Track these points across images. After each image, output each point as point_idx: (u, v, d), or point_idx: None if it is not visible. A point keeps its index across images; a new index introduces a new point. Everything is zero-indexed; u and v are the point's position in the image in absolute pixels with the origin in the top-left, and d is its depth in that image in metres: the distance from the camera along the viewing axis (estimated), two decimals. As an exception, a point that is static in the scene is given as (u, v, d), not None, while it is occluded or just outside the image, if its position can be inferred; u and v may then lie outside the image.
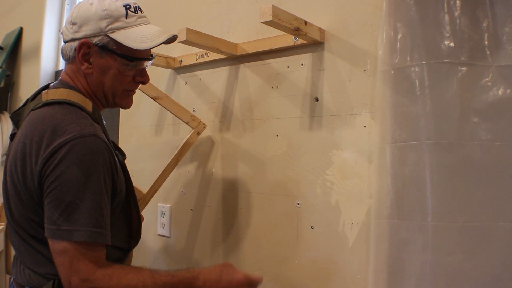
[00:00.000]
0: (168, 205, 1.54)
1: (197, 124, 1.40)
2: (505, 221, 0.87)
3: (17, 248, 0.93)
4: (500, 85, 0.90)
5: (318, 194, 1.14)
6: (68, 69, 0.97)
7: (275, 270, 1.22)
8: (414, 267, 0.91)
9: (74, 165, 0.82)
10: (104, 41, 0.92)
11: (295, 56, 1.21)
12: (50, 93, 0.93)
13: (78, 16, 0.92)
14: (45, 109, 0.89)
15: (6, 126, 2.46)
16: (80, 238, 0.81)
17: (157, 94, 1.34)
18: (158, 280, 0.88)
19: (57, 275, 0.87)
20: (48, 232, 0.83)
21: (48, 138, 0.83)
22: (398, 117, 0.95)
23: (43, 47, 2.36)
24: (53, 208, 0.82)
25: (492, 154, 0.89)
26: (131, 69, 0.97)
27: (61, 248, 0.82)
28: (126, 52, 0.93)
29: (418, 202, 0.91)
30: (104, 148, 0.86)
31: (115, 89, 0.98)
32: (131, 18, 0.94)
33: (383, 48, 0.98)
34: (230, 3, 1.39)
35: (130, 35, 0.92)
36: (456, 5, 0.92)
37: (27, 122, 0.89)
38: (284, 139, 1.22)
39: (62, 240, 0.81)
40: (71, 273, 0.82)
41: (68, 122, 0.85)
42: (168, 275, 0.90)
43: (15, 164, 0.87)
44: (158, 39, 0.95)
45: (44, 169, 0.82)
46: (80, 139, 0.83)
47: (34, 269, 0.89)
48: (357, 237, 1.06)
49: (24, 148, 0.86)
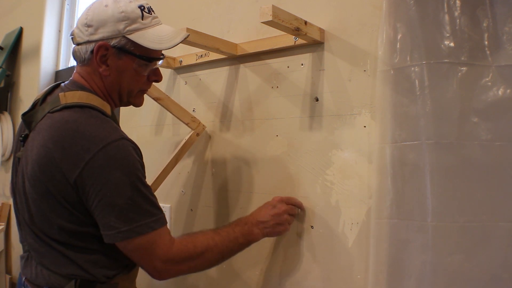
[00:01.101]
0: (168, 205, 1.54)
1: (197, 125, 1.40)
2: (505, 221, 0.87)
3: (36, 250, 0.94)
4: (500, 85, 0.89)
5: (318, 194, 1.14)
6: (82, 71, 0.97)
7: (275, 270, 1.22)
8: (414, 267, 0.91)
9: (116, 170, 0.85)
10: (122, 43, 0.93)
11: (295, 56, 1.21)
12: (68, 96, 0.92)
13: (93, 18, 0.92)
14: (66, 112, 0.89)
15: (6, 126, 2.46)
16: (143, 232, 0.86)
17: (159, 95, 1.34)
18: (223, 233, 0.99)
19: (78, 275, 0.90)
20: (109, 237, 0.87)
21: (78, 144, 0.85)
22: (398, 117, 0.95)
23: (43, 47, 2.35)
24: (108, 215, 0.85)
25: (492, 154, 0.89)
26: (146, 69, 0.99)
27: (132, 246, 0.88)
28: (143, 52, 0.95)
29: (418, 202, 0.91)
30: (132, 148, 0.90)
31: (131, 89, 1.00)
32: (147, 19, 0.96)
33: (383, 48, 0.98)
34: (230, 3, 1.39)
35: (148, 36, 0.94)
36: (456, 5, 0.92)
37: (47, 125, 0.89)
38: (284, 139, 1.22)
39: (127, 239, 0.86)
40: (152, 261, 0.90)
41: (94, 127, 0.87)
42: (226, 227, 1.02)
43: (38, 169, 0.87)
44: (175, 39, 0.98)
45: (83, 178, 0.84)
46: (113, 144, 0.86)
47: (55, 270, 0.91)
48: (357, 237, 1.06)
49: (49, 153, 0.86)
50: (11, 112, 2.55)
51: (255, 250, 1.26)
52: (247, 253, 1.07)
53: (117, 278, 0.95)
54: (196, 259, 0.94)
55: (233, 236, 1.00)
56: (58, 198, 0.87)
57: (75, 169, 0.84)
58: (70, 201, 0.87)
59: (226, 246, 0.98)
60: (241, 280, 1.31)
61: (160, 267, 0.90)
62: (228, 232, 1.00)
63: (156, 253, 0.89)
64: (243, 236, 1.02)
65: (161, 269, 0.91)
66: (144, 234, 0.87)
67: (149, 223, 0.87)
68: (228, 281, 1.35)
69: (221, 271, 1.36)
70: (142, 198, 0.88)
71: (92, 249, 0.91)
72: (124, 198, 0.85)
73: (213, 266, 1.00)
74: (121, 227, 0.85)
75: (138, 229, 0.86)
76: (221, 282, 1.36)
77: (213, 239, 0.97)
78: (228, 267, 1.33)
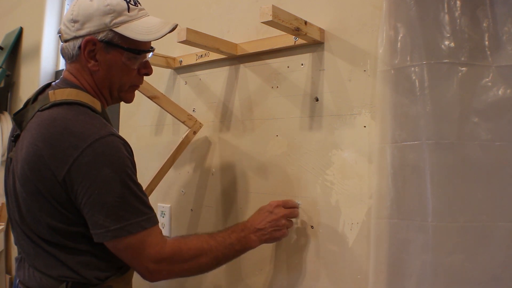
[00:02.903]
0: (168, 205, 1.54)
1: (193, 123, 1.40)
2: (505, 221, 0.87)
3: (27, 251, 0.93)
4: (500, 85, 0.89)
5: (318, 194, 1.14)
6: (71, 68, 0.96)
7: (275, 270, 1.22)
8: (414, 267, 0.91)
9: (105, 167, 0.83)
10: (109, 36, 0.92)
11: (295, 56, 1.21)
12: (57, 94, 0.91)
13: (79, 13, 0.91)
14: (55, 110, 0.88)
15: (6, 126, 2.46)
16: (134, 231, 0.84)
17: (154, 93, 1.33)
18: (218, 237, 0.97)
19: (69, 278, 0.88)
20: (98, 236, 0.84)
21: (66, 141, 0.83)
22: (398, 117, 0.95)
23: (43, 47, 2.36)
24: (97, 213, 0.83)
25: (492, 154, 0.89)
26: (136, 62, 0.97)
27: (122, 246, 0.85)
28: (131, 45, 0.94)
29: (418, 202, 0.91)
30: (122, 144, 0.87)
31: (122, 84, 0.98)
32: (133, 11, 0.94)
33: (383, 48, 0.98)
34: (230, 3, 1.39)
35: (135, 28, 0.93)
36: (456, 5, 0.92)
37: (36, 124, 0.88)
38: (284, 139, 1.22)
39: (117, 238, 0.84)
40: (144, 261, 0.87)
41: (82, 123, 0.85)
42: (222, 232, 1.00)
43: (28, 168, 0.86)
44: (163, 30, 0.96)
45: (71, 176, 0.82)
46: (101, 140, 0.84)
47: (46, 272, 0.90)
48: (357, 237, 1.06)
49: (38, 151, 0.84)
50: (11, 112, 2.54)
51: (254, 250, 1.26)
52: (246, 253, 1.07)
53: (110, 280, 0.92)
54: (190, 261, 0.92)
55: (229, 242, 0.98)
56: (47, 197, 0.85)
57: (63, 167, 0.82)
58: (60, 200, 0.85)
59: (221, 252, 0.96)
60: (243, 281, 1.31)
61: (152, 268, 0.88)
62: (224, 237, 0.98)
63: (148, 253, 0.87)
64: (240, 243, 0.99)
65: (153, 270, 0.88)
66: (134, 233, 0.84)
67: (139, 221, 0.85)
68: (224, 282, 1.35)
69: (223, 274, 1.36)
70: (133, 196, 0.85)
71: (83, 250, 0.89)
72: (113, 196, 0.83)
73: (206, 271, 0.98)
74: (110, 226, 0.83)
75: (129, 228, 0.84)
76: (218, 284, 1.36)
77: (208, 243, 0.94)
78: (227, 266, 1.34)
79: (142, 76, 1.02)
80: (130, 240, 0.84)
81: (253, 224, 1.04)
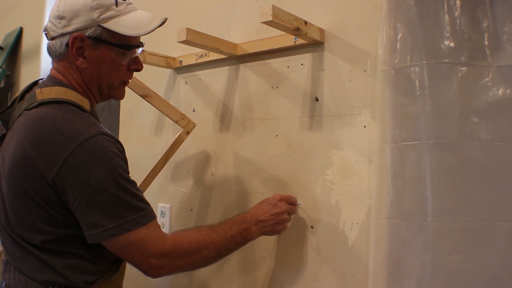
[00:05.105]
0: (168, 205, 1.54)
1: (186, 123, 1.38)
2: (505, 221, 0.87)
3: (12, 254, 0.91)
4: (500, 85, 0.89)
5: (318, 194, 1.14)
6: (58, 66, 0.94)
7: (275, 270, 1.22)
8: (414, 267, 0.91)
9: (96, 167, 0.81)
10: (98, 32, 0.89)
11: (295, 56, 1.21)
12: (44, 92, 0.89)
13: (66, 9, 0.88)
14: (43, 108, 0.86)
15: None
16: (132, 228, 0.83)
17: (146, 91, 1.31)
18: (219, 230, 0.96)
19: (56, 282, 0.86)
20: (94, 237, 0.83)
21: (55, 141, 0.81)
22: (398, 117, 0.95)
23: (43, 47, 2.35)
24: (91, 213, 0.81)
25: (492, 154, 0.89)
26: (126, 58, 0.95)
27: (121, 244, 0.84)
28: (120, 40, 0.92)
29: (418, 202, 0.91)
30: (112, 143, 0.86)
31: (112, 81, 0.96)
32: (121, 5, 0.92)
33: (383, 48, 0.98)
34: (230, 3, 1.39)
35: (123, 23, 0.91)
36: (456, 5, 0.92)
37: (23, 123, 0.86)
38: (284, 139, 1.22)
39: (115, 237, 0.82)
40: (146, 258, 0.86)
41: (71, 123, 0.83)
42: (223, 224, 0.99)
43: (15, 169, 0.84)
44: (152, 24, 0.94)
45: (61, 177, 0.80)
46: (91, 140, 0.82)
47: (31, 276, 0.88)
48: (357, 237, 1.06)
49: (25, 152, 0.82)
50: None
51: (254, 250, 1.26)
52: (246, 253, 1.07)
53: (97, 283, 0.90)
54: (192, 255, 0.90)
55: (230, 234, 0.97)
56: (36, 199, 0.83)
57: (53, 168, 0.80)
58: (49, 201, 0.83)
59: (223, 244, 0.95)
60: (240, 279, 1.31)
61: (155, 264, 0.86)
62: (225, 230, 0.97)
63: (149, 249, 0.85)
64: (241, 234, 0.99)
65: (156, 265, 0.87)
66: (133, 230, 0.83)
67: (137, 218, 0.83)
68: (224, 282, 1.35)
69: (220, 271, 1.36)
70: (127, 194, 0.84)
71: (71, 253, 0.87)
72: (107, 195, 0.81)
73: (209, 264, 0.97)
74: (107, 225, 0.81)
75: (126, 226, 0.82)
76: (218, 283, 1.36)
77: (210, 236, 0.93)
78: (228, 267, 1.33)
79: (132, 72, 1.00)
80: (129, 237, 0.83)
81: (254, 215, 1.03)
